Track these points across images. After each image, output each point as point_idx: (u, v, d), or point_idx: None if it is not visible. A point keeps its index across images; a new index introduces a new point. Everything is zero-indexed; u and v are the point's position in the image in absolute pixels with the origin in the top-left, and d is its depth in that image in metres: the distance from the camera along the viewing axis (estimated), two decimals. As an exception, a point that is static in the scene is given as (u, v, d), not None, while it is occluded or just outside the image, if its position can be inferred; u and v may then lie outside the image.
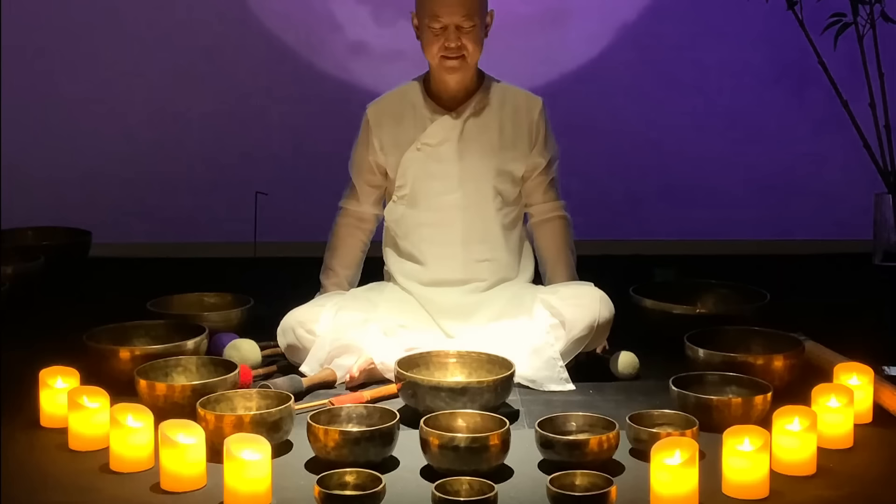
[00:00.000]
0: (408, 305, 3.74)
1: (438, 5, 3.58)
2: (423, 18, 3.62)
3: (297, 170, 5.26)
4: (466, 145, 3.70)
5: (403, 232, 3.77)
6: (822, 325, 3.94)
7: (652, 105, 5.30)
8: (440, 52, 3.61)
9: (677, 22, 5.26)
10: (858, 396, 3.21)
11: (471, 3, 3.59)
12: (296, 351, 3.66)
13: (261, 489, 2.74)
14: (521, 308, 3.66)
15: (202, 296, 4.11)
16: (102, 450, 3.02)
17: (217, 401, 3.14)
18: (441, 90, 3.71)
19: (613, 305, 3.66)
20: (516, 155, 3.74)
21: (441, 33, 3.59)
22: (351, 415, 3.10)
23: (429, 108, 3.72)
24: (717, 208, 5.33)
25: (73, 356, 3.47)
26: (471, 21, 3.59)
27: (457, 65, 3.62)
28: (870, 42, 4.89)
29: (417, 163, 3.72)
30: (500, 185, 3.74)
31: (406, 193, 3.75)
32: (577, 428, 3.06)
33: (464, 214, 3.72)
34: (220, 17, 5.23)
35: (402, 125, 3.74)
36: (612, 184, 5.32)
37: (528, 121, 3.74)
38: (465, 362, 3.48)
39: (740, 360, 3.44)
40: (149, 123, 5.25)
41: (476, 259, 3.74)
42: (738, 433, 2.84)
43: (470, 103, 3.71)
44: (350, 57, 5.25)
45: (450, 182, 3.72)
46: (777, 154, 5.34)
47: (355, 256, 3.89)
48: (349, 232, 3.87)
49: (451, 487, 2.72)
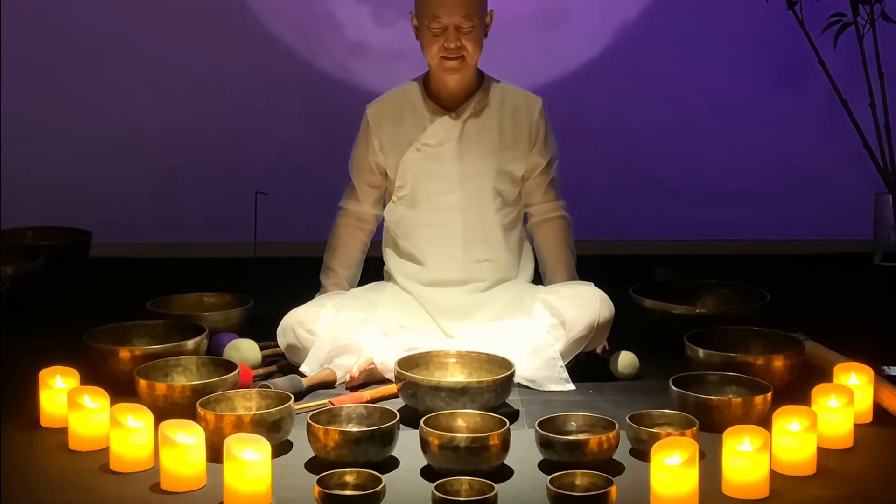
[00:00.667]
0: (408, 305, 3.74)
1: (438, 6, 3.58)
2: (423, 19, 3.62)
3: (297, 170, 5.26)
4: (466, 145, 3.70)
5: (403, 232, 3.77)
6: (822, 325, 3.94)
7: (652, 105, 5.30)
8: (440, 52, 3.60)
9: (677, 22, 5.26)
10: (858, 396, 3.21)
11: (470, 3, 3.59)
12: (296, 351, 3.66)
13: (261, 489, 2.74)
14: (521, 308, 3.66)
15: (202, 296, 4.11)
16: (102, 450, 3.02)
17: (217, 401, 3.14)
18: (441, 90, 3.71)
19: (613, 305, 3.66)
20: (516, 155, 3.74)
21: (441, 34, 3.59)
22: (351, 415, 3.10)
23: (428, 108, 3.72)
24: (718, 208, 5.33)
25: (73, 356, 3.47)
26: (470, 21, 3.59)
27: (456, 65, 3.62)
28: (870, 42, 4.89)
29: (417, 163, 3.72)
30: (500, 186, 3.74)
31: (406, 194, 3.75)
32: (577, 428, 3.06)
33: (464, 214, 3.72)
34: (220, 18, 5.22)
35: (402, 125, 3.74)
36: (611, 183, 5.32)
37: (527, 121, 3.74)
38: (465, 362, 3.48)
39: (740, 360, 3.44)
40: (148, 123, 5.25)
41: (476, 259, 3.73)
42: (738, 433, 2.84)
43: (470, 103, 3.71)
44: (350, 57, 5.25)
45: (450, 182, 3.71)
46: (777, 154, 5.34)
47: (355, 256, 3.89)
48: (349, 232, 3.87)
49: (451, 487, 2.72)
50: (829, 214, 5.33)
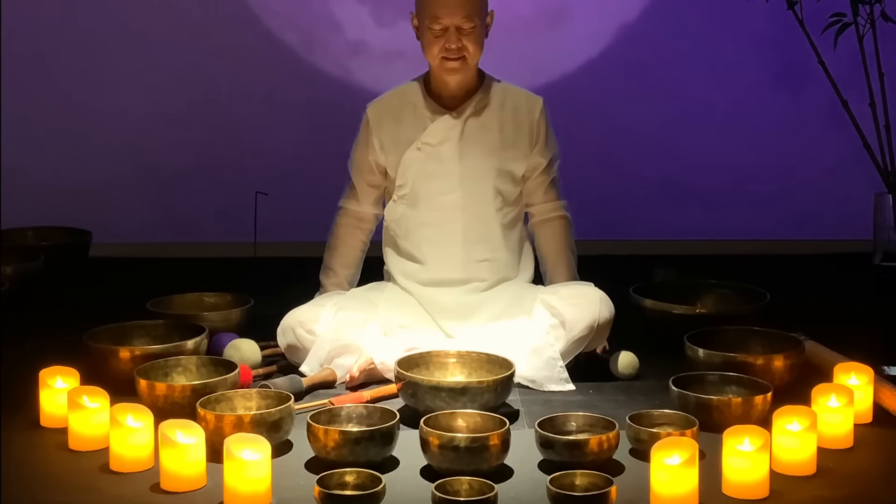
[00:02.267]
0: (408, 305, 3.74)
1: (439, 7, 3.58)
2: (424, 20, 3.61)
3: (297, 170, 5.26)
4: (467, 145, 3.70)
5: (403, 231, 3.77)
6: (822, 325, 3.93)
7: (651, 105, 5.30)
8: (441, 53, 3.60)
9: (677, 22, 5.26)
10: (858, 396, 3.21)
11: (471, 4, 3.59)
12: (296, 351, 3.66)
13: (261, 489, 2.74)
14: (521, 308, 3.66)
15: (202, 296, 4.11)
16: (102, 450, 3.02)
17: (217, 401, 3.14)
18: (441, 90, 3.71)
19: (613, 306, 3.66)
20: (517, 155, 3.74)
21: (442, 34, 3.59)
22: (351, 415, 3.10)
23: (429, 107, 3.72)
24: (717, 208, 5.33)
25: (73, 356, 3.47)
26: (471, 22, 3.59)
27: (457, 66, 3.62)
28: (870, 42, 4.89)
29: (417, 162, 3.72)
30: (500, 185, 3.74)
31: (406, 193, 3.74)
32: (577, 428, 3.06)
33: (464, 214, 3.72)
34: (220, 17, 5.22)
35: (402, 125, 3.74)
36: (611, 184, 5.32)
37: (528, 120, 3.74)
38: (465, 362, 3.48)
39: (740, 360, 3.44)
40: (148, 123, 5.25)
41: (476, 259, 3.73)
42: (738, 433, 2.84)
43: (470, 103, 3.71)
44: (350, 57, 5.25)
45: (450, 181, 3.71)
46: (777, 154, 5.34)
47: (355, 256, 3.89)
48: (349, 231, 3.87)
49: (451, 487, 2.72)
50: (829, 214, 5.33)
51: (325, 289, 3.85)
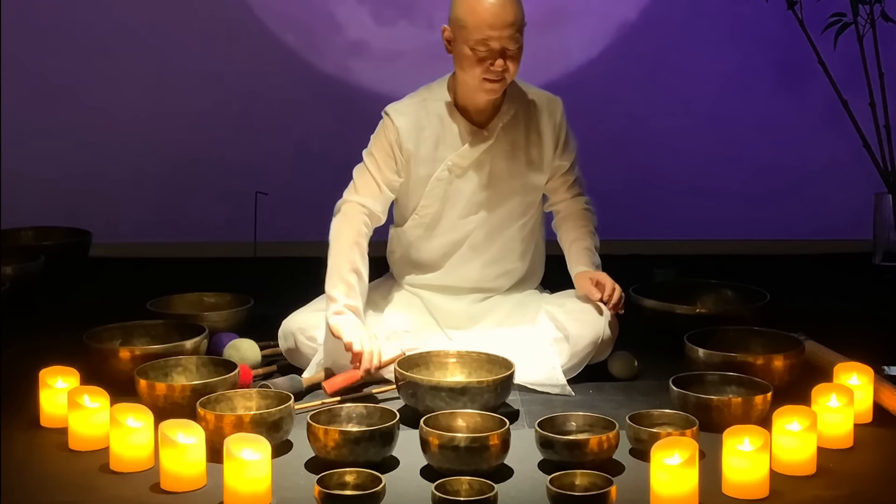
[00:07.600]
0: (413, 309, 3.71)
1: (489, 28, 3.43)
2: (468, 40, 3.44)
3: (297, 170, 5.26)
4: (496, 165, 3.62)
5: (417, 249, 3.71)
6: (822, 325, 3.93)
7: (651, 105, 5.29)
8: (483, 74, 3.47)
9: (677, 22, 5.25)
10: (858, 396, 3.21)
11: (519, 23, 3.49)
12: (297, 355, 3.63)
13: (261, 489, 2.74)
14: (525, 317, 3.64)
15: (202, 296, 4.11)
16: (102, 450, 3.02)
17: (217, 401, 3.14)
18: (468, 104, 3.60)
19: (618, 322, 3.62)
20: (542, 165, 3.67)
21: (487, 56, 3.46)
22: (351, 415, 3.10)
23: (457, 122, 3.60)
24: (717, 208, 5.33)
25: (73, 356, 3.47)
26: (517, 43, 3.49)
27: (498, 87, 3.52)
28: (870, 42, 4.89)
29: (445, 183, 3.62)
30: (525, 198, 3.68)
31: (429, 213, 3.65)
32: (577, 428, 3.06)
33: (486, 235, 3.66)
34: (220, 17, 5.22)
35: (431, 141, 3.60)
36: (611, 184, 5.30)
37: (551, 125, 3.67)
38: (465, 362, 3.47)
39: (740, 360, 3.44)
40: (148, 123, 5.25)
41: (494, 274, 3.71)
42: (738, 433, 2.84)
43: (499, 118, 3.61)
44: (350, 57, 5.24)
45: (476, 204, 3.64)
46: (777, 154, 5.34)
47: (362, 257, 3.58)
48: (353, 224, 3.59)
49: (451, 487, 2.72)
50: (829, 214, 5.32)
51: (333, 300, 3.49)
